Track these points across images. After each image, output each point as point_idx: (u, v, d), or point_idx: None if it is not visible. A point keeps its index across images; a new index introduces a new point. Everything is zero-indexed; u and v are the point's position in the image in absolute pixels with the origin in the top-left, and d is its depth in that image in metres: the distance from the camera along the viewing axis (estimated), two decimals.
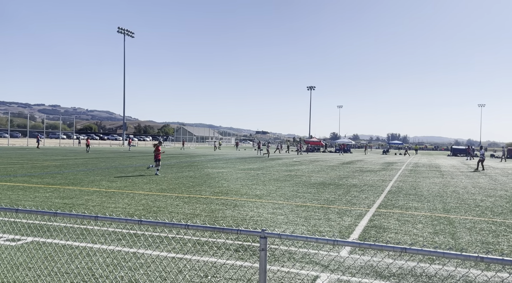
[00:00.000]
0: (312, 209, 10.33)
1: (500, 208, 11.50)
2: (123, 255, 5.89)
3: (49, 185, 13.80)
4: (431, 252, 2.66)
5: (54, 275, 5.01)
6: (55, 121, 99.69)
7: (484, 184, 18.66)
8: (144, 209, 9.72)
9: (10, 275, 4.97)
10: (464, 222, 9.18)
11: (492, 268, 5.71)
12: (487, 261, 2.55)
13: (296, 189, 14.53)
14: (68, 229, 7.24)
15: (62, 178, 16.14)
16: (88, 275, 5.06)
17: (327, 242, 2.90)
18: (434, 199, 12.93)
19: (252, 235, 3.09)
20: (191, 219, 8.65)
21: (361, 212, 10.17)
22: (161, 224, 3.34)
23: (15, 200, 10.53)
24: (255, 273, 5.27)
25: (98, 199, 10.97)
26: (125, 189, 13.14)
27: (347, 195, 13.33)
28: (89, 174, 18.14)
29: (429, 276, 5.35)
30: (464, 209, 11.09)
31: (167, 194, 12.36)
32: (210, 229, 3.22)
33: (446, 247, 6.95)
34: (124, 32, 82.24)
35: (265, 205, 10.80)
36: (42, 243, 6.35)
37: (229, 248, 6.42)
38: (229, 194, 12.72)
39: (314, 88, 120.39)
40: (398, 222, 9.01)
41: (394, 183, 17.96)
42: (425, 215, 9.99)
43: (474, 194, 14.45)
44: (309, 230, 7.92)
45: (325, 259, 5.97)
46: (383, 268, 5.65)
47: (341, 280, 5.12)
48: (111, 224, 7.52)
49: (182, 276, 5.12)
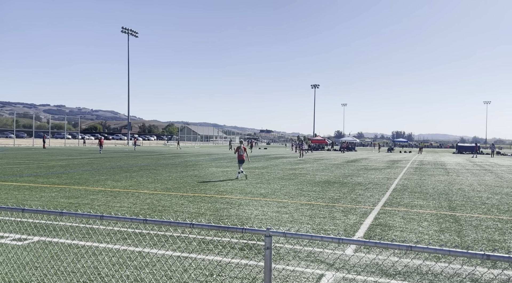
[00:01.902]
0: (317, 208, 10.32)
1: (506, 205, 11.43)
2: (129, 254, 5.91)
3: (55, 184, 13.88)
4: (437, 250, 2.65)
5: (60, 274, 5.04)
6: (61, 122, 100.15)
7: (490, 181, 18.55)
8: (149, 208, 9.75)
9: (17, 274, 5.00)
10: (470, 220, 9.13)
11: (498, 266, 5.68)
12: (494, 259, 2.54)
13: (301, 187, 14.51)
14: (74, 229, 7.28)
15: (68, 177, 16.23)
16: (94, 274, 5.08)
17: (332, 241, 2.90)
18: (439, 196, 12.87)
19: (257, 233, 3.09)
20: (196, 218, 8.67)
21: (366, 210, 10.15)
22: (166, 223, 3.35)
23: (22, 199, 10.60)
24: (260, 271, 5.27)
25: (103, 199, 11.02)
26: (130, 189, 13.19)
27: (352, 193, 13.30)
28: (94, 173, 18.22)
29: (435, 274, 5.33)
30: (470, 206, 11.03)
31: (172, 193, 12.40)
32: (215, 228, 3.22)
33: (452, 245, 6.91)
34: (128, 32, 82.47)
35: (269, 203, 10.80)
36: (48, 243, 6.39)
37: (234, 247, 6.42)
38: (234, 192, 12.73)
39: (318, 87, 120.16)
40: (404, 220, 8.98)
41: (399, 181, 17.89)
42: (430, 213, 9.94)
43: (480, 192, 14.36)
44: (314, 229, 7.91)
45: (330, 258, 5.96)
46: (388, 266, 5.63)
47: (347, 279, 5.11)
48: (116, 223, 7.56)
49: (188, 275, 5.13)
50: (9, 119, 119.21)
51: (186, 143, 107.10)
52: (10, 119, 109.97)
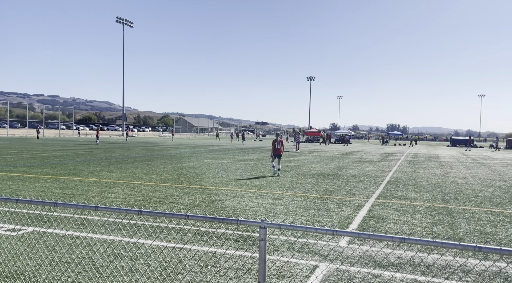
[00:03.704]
0: (311, 200, 10.36)
1: (498, 198, 11.55)
2: (124, 245, 5.92)
3: (49, 175, 13.82)
4: (430, 242, 2.68)
5: (55, 264, 5.04)
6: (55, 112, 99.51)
7: (483, 174, 18.71)
8: (144, 199, 9.75)
9: (11, 264, 5.00)
10: (463, 212, 9.22)
11: (490, 258, 5.75)
12: (485, 251, 2.57)
13: (296, 179, 14.56)
14: (68, 219, 7.27)
15: (62, 168, 16.16)
16: (89, 264, 5.09)
17: (326, 232, 2.91)
18: (433, 189, 12.97)
19: (252, 225, 3.10)
20: (191, 209, 8.69)
21: (360, 202, 10.21)
22: (161, 214, 3.35)
23: (15, 190, 10.56)
24: (254, 262, 5.30)
25: (98, 190, 11.00)
26: (125, 180, 13.17)
27: (346, 185, 13.37)
28: (89, 164, 18.15)
29: (427, 266, 5.39)
30: (462, 199, 11.13)
31: (167, 184, 12.39)
32: (210, 219, 3.23)
33: (444, 237, 6.99)
34: (123, 22, 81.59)
35: (264, 195, 10.83)
36: (43, 233, 6.38)
37: (229, 238, 6.45)
38: (229, 184, 12.75)
39: (314, 79, 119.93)
40: (397, 212, 9.05)
41: (393, 173, 18.00)
42: (424, 205, 10.03)
43: (473, 184, 14.49)
44: (309, 220, 7.96)
45: (324, 249, 6.01)
46: (382, 257, 5.69)
47: (340, 270, 5.16)
48: (111, 214, 7.55)
49: (182, 265, 5.15)
50: (2, 109, 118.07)
51: (182, 134, 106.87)
52: (3, 109, 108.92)
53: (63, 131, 78.63)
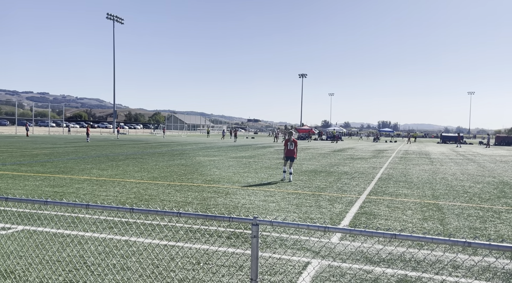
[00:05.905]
0: (303, 196, 10.40)
1: (487, 194, 11.70)
2: (115, 243, 5.89)
3: (39, 173, 13.68)
4: (420, 238, 2.71)
5: (45, 263, 5.00)
6: (44, 109, 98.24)
7: (473, 170, 18.93)
8: (135, 197, 9.70)
9: (1, 263, 4.95)
10: (453, 208, 9.33)
11: (479, 253, 5.83)
12: (474, 246, 2.60)
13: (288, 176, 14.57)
14: (59, 217, 7.21)
15: (52, 166, 16.00)
16: (80, 263, 5.06)
17: (318, 229, 2.93)
18: (423, 185, 13.10)
19: (244, 222, 3.11)
20: (183, 207, 8.67)
21: (351, 199, 10.27)
22: (153, 212, 3.34)
23: (5, 188, 10.44)
24: (247, 259, 5.31)
25: (89, 187, 10.92)
26: (116, 177, 13.08)
27: (338, 182, 13.43)
28: (79, 162, 18.00)
29: (418, 261, 5.45)
30: (452, 195, 11.26)
31: (158, 182, 12.34)
32: (202, 217, 3.22)
33: (434, 232, 7.07)
34: (113, 19, 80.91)
35: (256, 192, 10.85)
36: (33, 232, 6.32)
37: (221, 235, 6.45)
38: (221, 181, 12.73)
39: (306, 76, 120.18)
40: (388, 208, 9.13)
41: (384, 170, 18.13)
42: (414, 201, 10.12)
43: (463, 181, 14.65)
44: (301, 217, 7.99)
45: (316, 246, 6.04)
46: (373, 253, 5.74)
47: (332, 266, 5.19)
48: (102, 212, 7.50)
49: (174, 263, 5.14)
50: None
51: (173, 131, 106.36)
52: None
53: (53, 129, 77.82)
